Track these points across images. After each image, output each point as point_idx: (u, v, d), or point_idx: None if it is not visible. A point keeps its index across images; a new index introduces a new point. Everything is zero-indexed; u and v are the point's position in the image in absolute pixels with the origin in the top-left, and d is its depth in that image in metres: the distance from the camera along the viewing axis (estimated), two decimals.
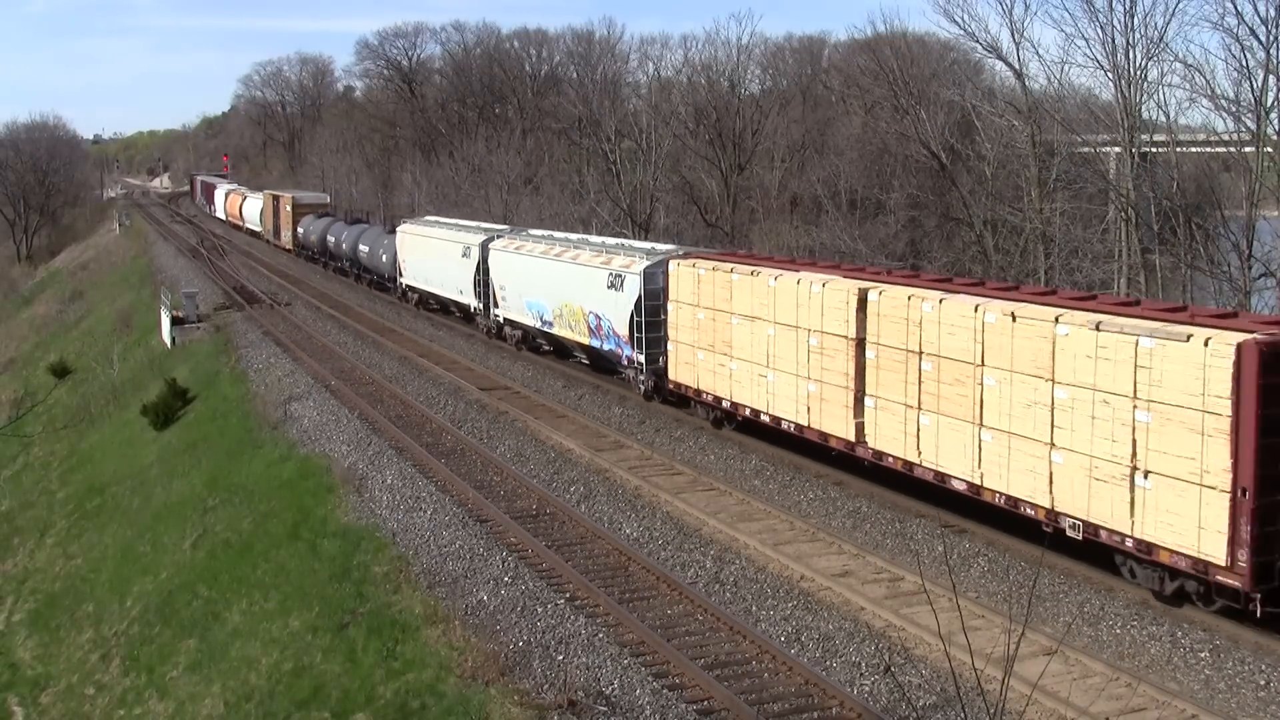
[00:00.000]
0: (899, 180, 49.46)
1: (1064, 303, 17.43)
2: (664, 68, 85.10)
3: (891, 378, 19.45)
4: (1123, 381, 15.41)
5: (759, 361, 23.12)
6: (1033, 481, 16.93)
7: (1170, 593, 15.67)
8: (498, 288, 36.33)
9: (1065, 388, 16.27)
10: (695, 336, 25.38)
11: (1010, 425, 17.21)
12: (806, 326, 21.54)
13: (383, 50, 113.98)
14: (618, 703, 14.01)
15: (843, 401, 20.69)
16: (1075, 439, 16.18)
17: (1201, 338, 14.62)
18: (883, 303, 19.58)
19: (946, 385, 18.29)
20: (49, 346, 60.17)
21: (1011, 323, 17.08)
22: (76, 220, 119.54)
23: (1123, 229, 34.75)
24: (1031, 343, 16.77)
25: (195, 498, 27.65)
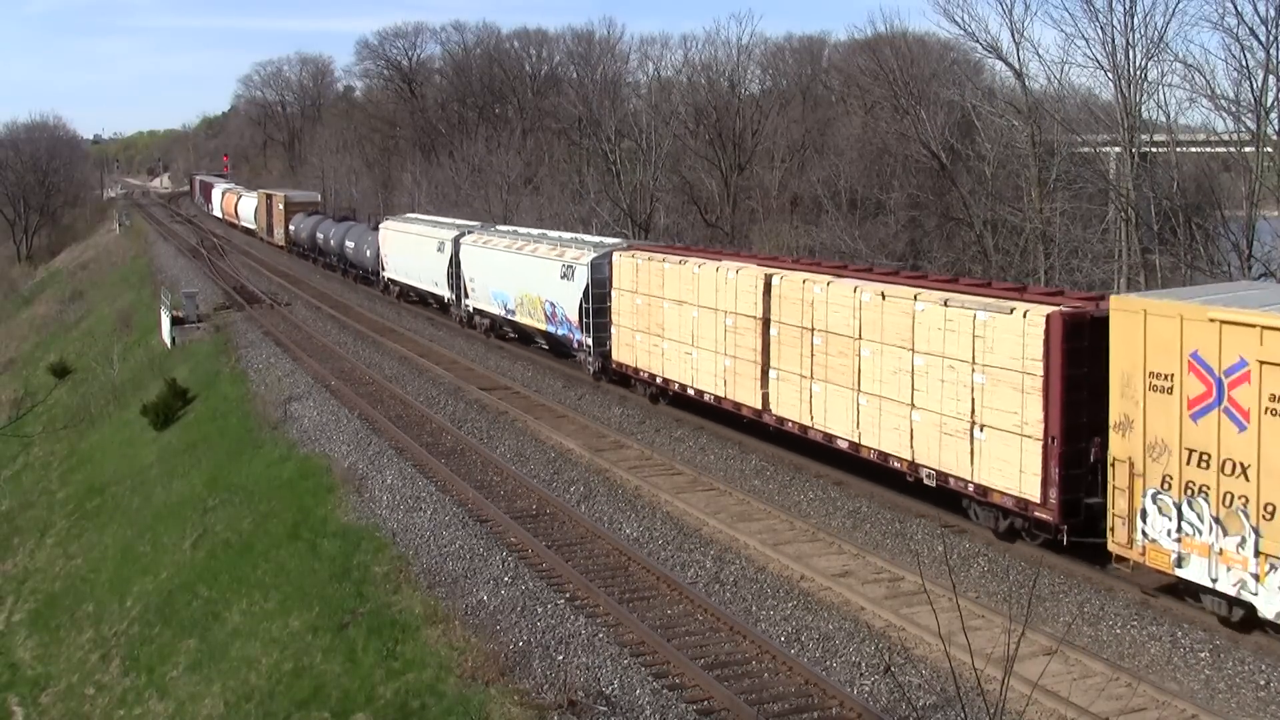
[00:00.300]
0: (899, 180, 49.44)
1: (923, 284, 20.19)
2: (664, 68, 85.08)
3: (790, 352, 22.06)
4: (964, 349, 17.98)
5: (685, 341, 25.66)
6: (898, 438, 19.44)
7: (1003, 530, 18.12)
8: (468, 280, 38.91)
9: (922, 356, 18.81)
10: (634, 320, 27.90)
11: (881, 390, 19.78)
12: (723, 309, 24.12)
13: (383, 50, 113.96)
14: (618, 703, 14.01)
15: (752, 374, 23.29)
16: (929, 400, 18.73)
17: (1021, 311, 17.06)
18: (783, 286, 22.17)
19: (832, 357, 20.94)
20: (49, 346, 60.17)
21: (882, 301, 19.65)
22: (76, 220, 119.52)
23: (1123, 229, 34.73)
24: (897, 318, 19.31)
25: (195, 498, 27.65)
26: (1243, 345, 14.30)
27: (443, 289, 41.91)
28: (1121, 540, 15.95)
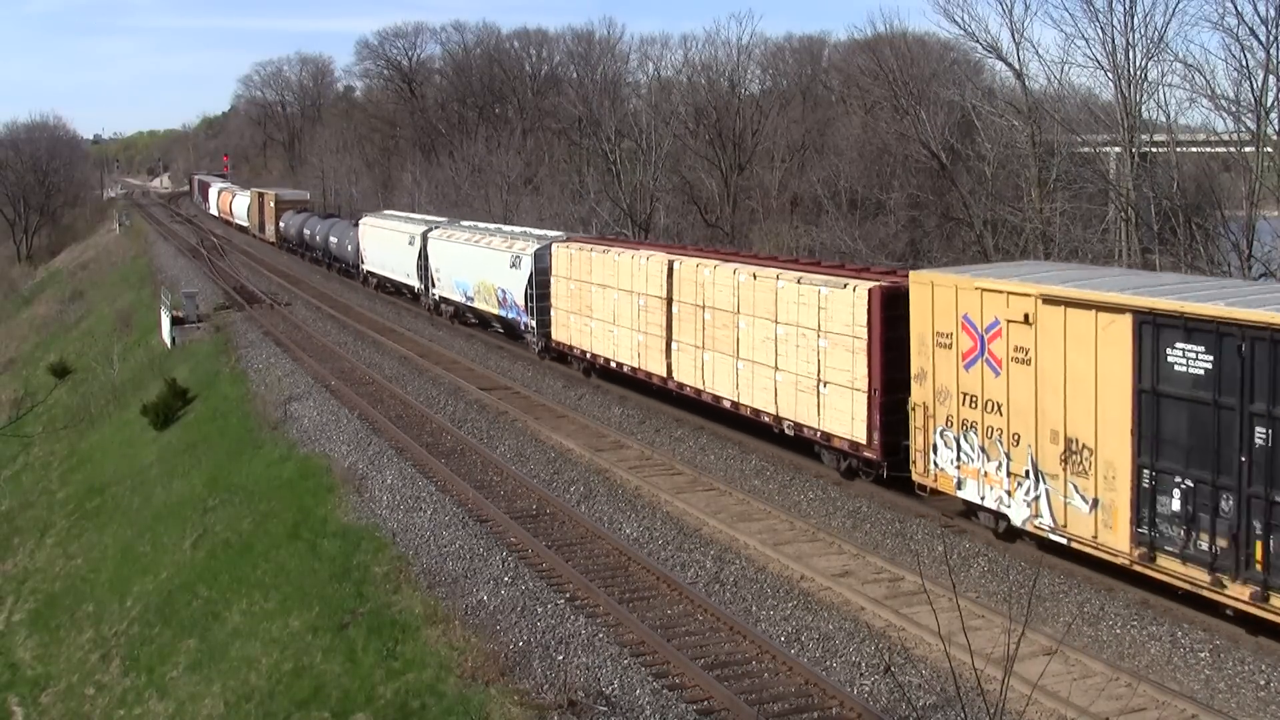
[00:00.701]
0: (899, 180, 49.44)
1: (786, 266, 23.87)
2: (664, 68, 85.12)
3: (688, 326, 25.60)
4: (812, 319, 21.36)
5: (609, 320, 29.19)
6: (767, 396, 22.92)
7: (844, 470, 21.53)
8: (434, 271, 42.53)
9: (783, 326, 22.21)
10: (569, 304, 31.39)
11: (754, 356, 23.28)
12: (637, 291, 27.64)
13: (383, 50, 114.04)
14: (618, 703, 14.01)
15: (659, 347, 26.87)
16: (788, 362, 22.24)
17: (852, 286, 20.49)
18: (682, 270, 25.75)
19: (719, 329, 24.41)
20: (49, 346, 60.17)
21: (754, 281, 23.07)
22: (76, 220, 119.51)
23: (1123, 229, 34.72)
24: (765, 295, 22.73)
25: (195, 498, 27.65)
26: (997, 308, 17.55)
27: (413, 279, 45.32)
28: (920, 471, 19.34)
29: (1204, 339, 14.57)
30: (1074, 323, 16.32)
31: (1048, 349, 16.75)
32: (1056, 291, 16.65)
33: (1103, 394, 15.92)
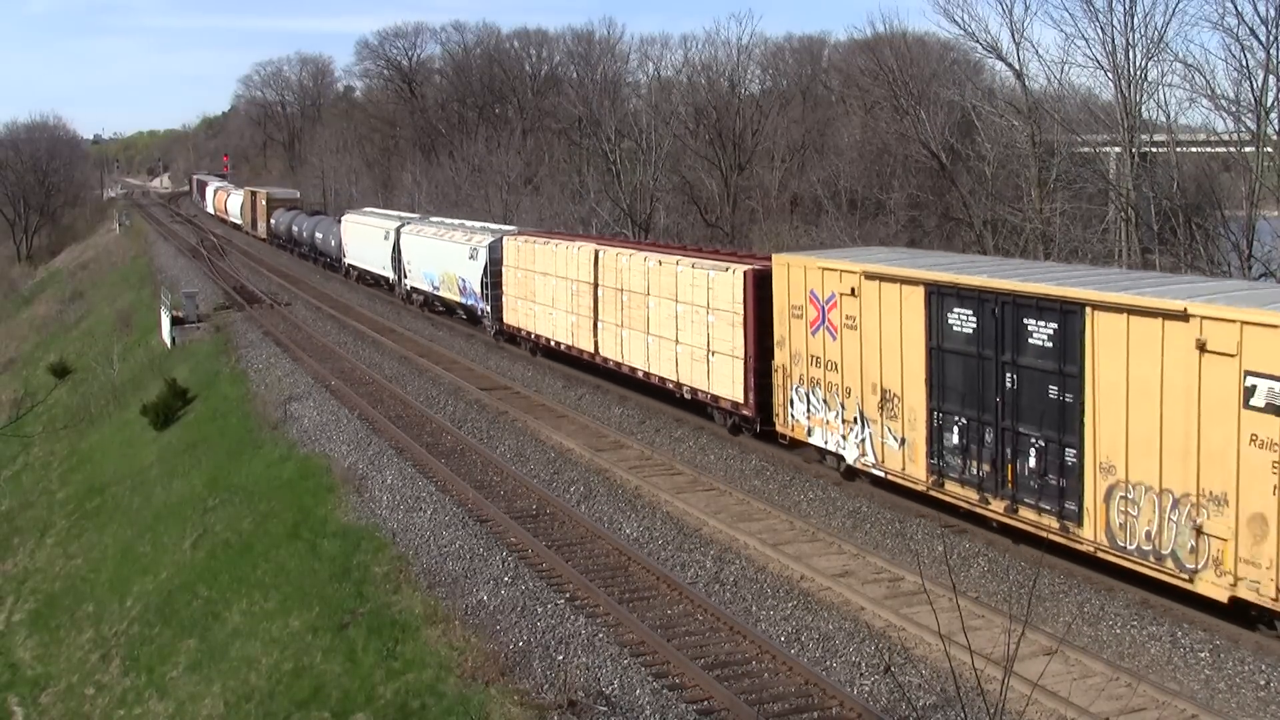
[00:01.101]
0: (899, 180, 49.43)
1: (686, 253, 27.65)
2: (664, 68, 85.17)
3: (610, 307, 28.91)
4: (703, 298, 24.79)
5: (549, 304, 32.56)
6: (671, 365, 26.37)
7: (729, 427, 25.08)
8: (406, 263, 46.01)
9: (681, 304, 25.67)
10: (518, 290, 34.90)
11: (660, 331, 26.68)
12: (571, 277, 30.86)
13: (383, 50, 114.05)
14: (618, 703, 14.01)
15: (588, 326, 30.19)
16: (685, 336, 25.63)
17: (732, 269, 23.89)
18: (605, 259, 29.20)
19: (634, 310, 27.78)
20: (49, 346, 60.17)
21: (660, 266, 26.59)
22: (76, 220, 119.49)
23: (1123, 229, 34.71)
24: (668, 278, 26.21)
25: (195, 498, 27.65)
26: (833, 284, 20.90)
27: (388, 271, 48.97)
28: (782, 423, 22.86)
29: (971, 304, 17.96)
30: (886, 295, 19.69)
31: (869, 316, 20.15)
32: (874, 269, 20.05)
33: (907, 352, 19.29)
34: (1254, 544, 14.10)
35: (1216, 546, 14.52)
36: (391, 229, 47.63)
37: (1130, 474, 15.58)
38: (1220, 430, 14.34)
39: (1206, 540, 14.62)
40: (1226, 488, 14.33)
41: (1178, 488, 14.92)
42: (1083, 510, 16.32)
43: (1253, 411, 13.96)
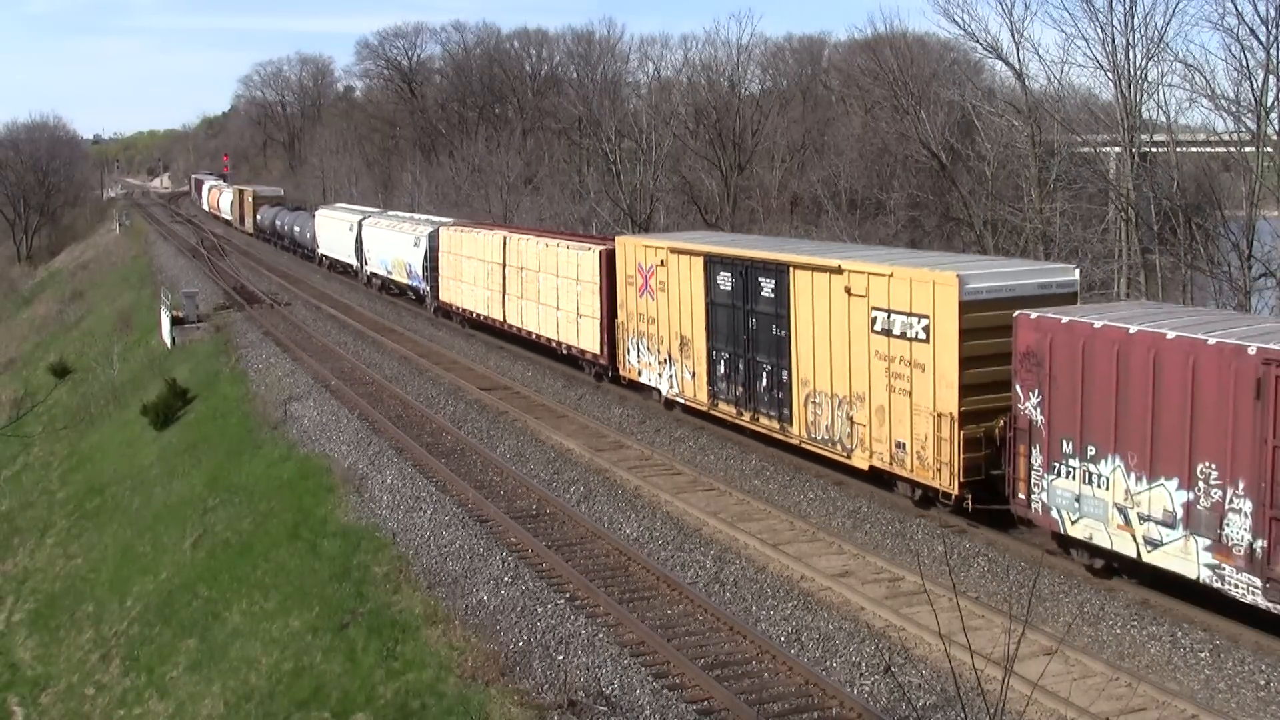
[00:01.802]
0: (899, 180, 49.43)
1: (564, 238, 33.91)
2: (664, 68, 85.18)
3: (514, 283, 34.82)
4: (573, 272, 30.61)
5: (472, 283, 38.51)
6: (554, 327, 32.05)
7: (594, 375, 30.78)
8: (367, 251, 52.31)
9: (562, 279, 31.32)
10: (450, 272, 40.93)
11: (547, 300, 32.36)
12: (487, 260, 36.87)
13: (383, 50, 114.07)
14: (618, 703, 14.01)
15: (499, 299, 36.11)
16: (563, 303, 31.41)
17: (592, 249, 29.98)
18: (509, 243, 35.14)
19: (529, 284, 33.65)
20: (49, 346, 60.15)
21: (545, 248, 32.39)
22: (76, 220, 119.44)
23: (1123, 229, 34.71)
24: (551, 257, 32.00)
25: (195, 498, 27.65)
26: (651, 257, 27.01)
27: (353, 259, 54.96)
28: (624, 368, 28.72)
29: (729, 269, 24.05)
30: (682, 265, 25.74)
31: (672, 282, 26.17)
32: (675, 245, 26.47)
33: (694, 307, 25.32)
34: (879, 426, 19.91)
35: (861, 431, 20.33)
36: (355, 222, 53.83)
37: (817, 385, 21.44)
38: (859, 349, 20.17)
39: (856, 427, 20.42)
40: (863, 389, 20.15)
41: (841, 392, 20.76)
42: (792, 414, 22.22)
43: (875, 334, 19.75)
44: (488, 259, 36.66)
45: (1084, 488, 16.25)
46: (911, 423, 19.07)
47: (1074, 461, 16.38)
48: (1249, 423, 14.02)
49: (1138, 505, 15.52)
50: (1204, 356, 14.54)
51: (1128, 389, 15.45)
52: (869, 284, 19.74)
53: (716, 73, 64.34)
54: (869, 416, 19.93)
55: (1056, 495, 16.71)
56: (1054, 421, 16.58)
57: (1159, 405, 15.08)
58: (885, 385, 19.52)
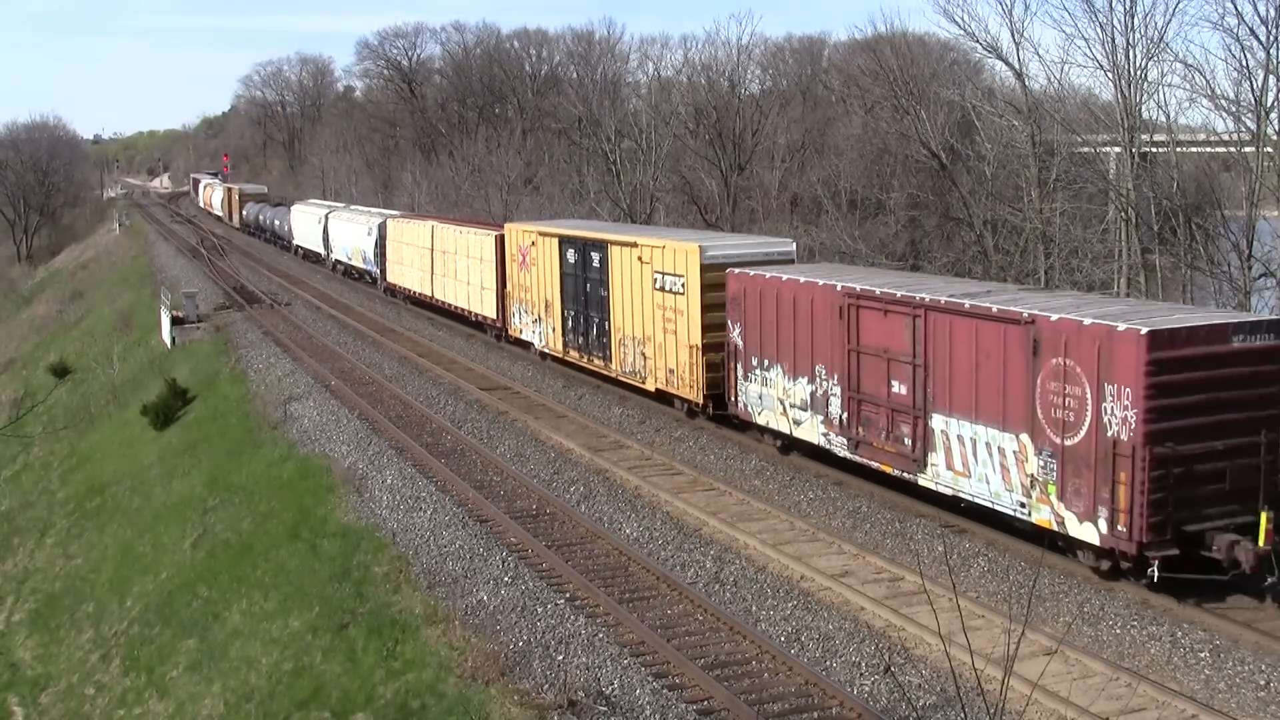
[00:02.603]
0: (899, 180, 49.36)
1: (472, 226, 40.64)
2: (664, 68, 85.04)
3: (440, 264, 41.37)
4: (478, 254, 37.21)
5: (411, 266, 45.37)
6: (466, 299, 38.98)
7: (493, 336, 37.17)
8: (332, 241, 59.10)
9: (471, 259, 38.04)
10: (394, 257, 47.78)
11: (461, 278, 39.17)
12: (421, 245, 43.58)
13: (383, 50, 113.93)
14: (618, 703, 14.01)
15: (429, 279, 42.82)
16: (472, 279, 38.04)
17: (491, 234, 36.31)
18: (436, 231, 41.84)
19: (449, 264, 40.20)
20: (49, 346, 60.16)
21: (460, 234, 39.30)
22: (76, 220, 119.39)
23: (1123, 229, 34.68)
24: (464, 242, 38.71)
25: (195, 498, 27.65)
26: (527, 240, 33.49)
27: (321, 249, 61.75)
28: (511, 329, 35.26)
29: (573, 246, 30.71)
30: (544, 244, 32.21)
31: (540, 258, 32.48)
32: (541, 229, 33.25)
33: (553, 278, 31.72)
34: (659, 358, 26.53)
35: (650, 362, 27.02)
36: (322, 215, 61.25)
37: (625, 331, 27.99)
38: (647, 302, 26.78)
39: (646, 360, 27.12)
40: (650, 331, 26.75)
41: (638, 334, 27.35)
42: (611, 354, 28.84)
43: (656, 291, 26.40)
44: (421, 245, 43.52)
45: (763, 389, 23.12)
46: (677, 354, 25.79)
47: (757, 371, 23.19)
48: (839, 336, 20.58)
49: (789, 397, 22.35)
50: (817, 294, 21.22)
51: (781, 319, 22.18)
52: (652, 254, 26.52)
53: (716, 73, 64.29)
54: (654, 351, 26.75)
55: (749, 395, 23.61)
56: (747, 344, 23.40)
57: (796, 328, 21.80)
58: (662, 328, 26.29)
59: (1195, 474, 15.74)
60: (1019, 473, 17.24)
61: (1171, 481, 15.56)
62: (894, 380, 19.51)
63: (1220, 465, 15.89)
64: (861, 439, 20.41)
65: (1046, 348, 16.58)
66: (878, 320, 19.73)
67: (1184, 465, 15.64)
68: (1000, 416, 17.43)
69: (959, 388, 18.23)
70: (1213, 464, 15.85)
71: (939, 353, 18.57)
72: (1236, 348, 16.12)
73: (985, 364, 17.68)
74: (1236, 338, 16.20)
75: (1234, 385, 15.99)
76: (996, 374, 17.46)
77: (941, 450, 18.68)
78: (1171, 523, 15.65)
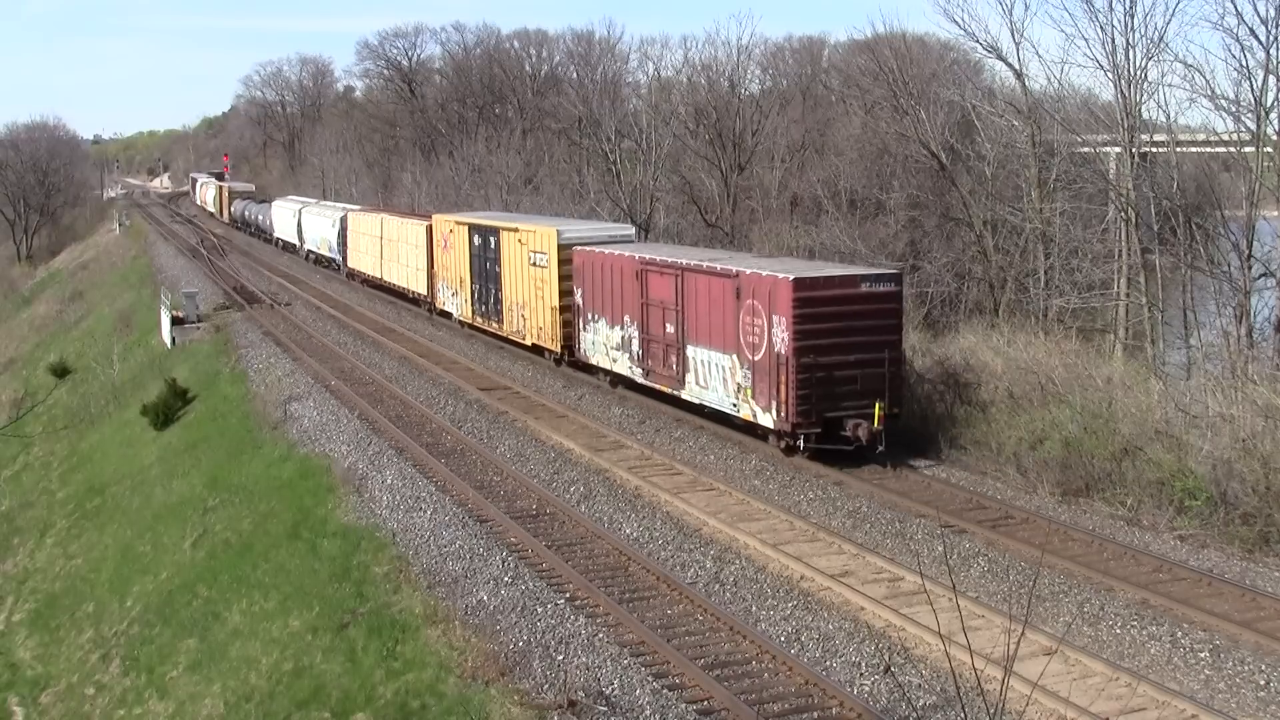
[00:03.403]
0: (899, 180, 49.31)
1: (411, 217, 47.49)
2: (664, 68, 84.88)
3: (388, 250, 48.22)
4: (414, 240, 44.33)
5: (366, 252, 52.39)
6: (405, 279, 45.86)
7: (426, 310, 43.67)
8: (305, 233, 66.61)
9: (408, 245, 45.00)
10: (353, 245, 54.77)
11: (402, 261, 46.17)
12: (373, 235, 50.51)
13: (383, 50, 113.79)
14: (618, 703, 14.02)
15: (379, 264, 49.87)
16: (409, 261, 45.25)
17: (422, 224, 43.65)
18: (384, 222, 48.85)
19: (393, 249, 47.26)
20: (49, 346, 60.14)
21: (402, 224, 46.07)
22: (76, 220, 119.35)
23: (1123, 229, 34.67)
24: (404, 230, 45.39)
25: (195, 498, 27.65)
26: (447, 228, 40.42)
27: (296, 240, 68.56)
28: (437, 303, 42.03)
29: (479, 232, 37.31)
30: (460, 231, 38.91)
31: (457, 243, 39.13)
32: (458, 219, 40.24)
33: (464, 259, 38.31)
34: (533, 319, 33.16)
35: (527, 323, 33.64)
36: (297, 210, 68.89)
37: (512, 300, 34.60)
38: (524, 275, 33.54)
39: (525, 321, 33.71)
40: (527, 298, 33.46)
41: (519, 301, 34.02)
42: (503, 319, 35.47)
43: (529, 266, 33.06)
44: (373, 234, 50.33)
45: (595, 337, 29.69)
46: (543, 315, 32.41)
47: (590, 324, 29.84)
48: (636, 294, 27.24)
49: (609, 342, 28.89)
50: (624, 264, 27.85)
51: (603, 284, 28.88)
52: (527, 237, 33.60)
53: (716, 73, 64.23)
54: (530, 314, 33.45)
55: (587, 343, 30.23)
56: (584, 305, 30.10)
57: (612, 290, 28.43)
58: (535, 295, 32.98)
59: (833, 378, 22.06)
60: (732, 382, 23.89)
61: (814, 382, 21.93)
62: (667, 324, 26.24)
63: (853, 372, 22.18)
64: (650, 369, 27.28)
65: (744, 293, 23.22)
66: (658, 280, 26.47)
67: (824, 371, 21.97)
68: (722, 343, 24.14)
69: (700, 325, 25.00)
70: (847, 371, 22.15)
71: (689, 301, 25.28)
72: (864, 291, 22.62)
73: (713, 307, 24.35)
74: (865, 284, 22.75)
75: (862, 317, 22.33)
76: (719, 313, 24.14)
77: (693, 371, 25.46)
78: (815, 410, 22.11)
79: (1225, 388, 22.67)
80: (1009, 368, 25.68)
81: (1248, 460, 19.27)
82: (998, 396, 24.43)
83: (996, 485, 22.06)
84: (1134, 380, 24.36)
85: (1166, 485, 20.06)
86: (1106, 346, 32.68)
